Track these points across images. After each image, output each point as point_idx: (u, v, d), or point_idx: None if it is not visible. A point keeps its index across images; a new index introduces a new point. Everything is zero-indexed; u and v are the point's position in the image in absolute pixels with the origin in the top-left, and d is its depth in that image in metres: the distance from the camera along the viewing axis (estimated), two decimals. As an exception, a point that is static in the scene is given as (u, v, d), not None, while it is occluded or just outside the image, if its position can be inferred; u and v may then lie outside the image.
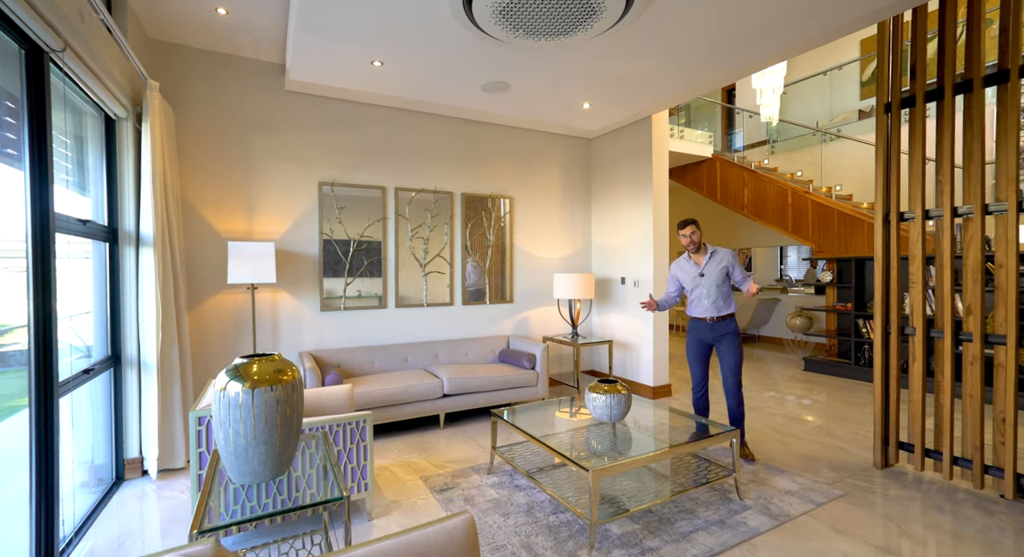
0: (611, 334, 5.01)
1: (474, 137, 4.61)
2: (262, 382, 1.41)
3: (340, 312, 3.98)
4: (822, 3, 2.58)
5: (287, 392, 1.47)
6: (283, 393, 1.45)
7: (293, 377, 1.50)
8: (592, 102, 3.94)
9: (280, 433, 1.46)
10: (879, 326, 2.90)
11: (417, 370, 3.97)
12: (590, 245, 5.31)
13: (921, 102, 2.72)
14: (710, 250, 3.17)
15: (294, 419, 1.51)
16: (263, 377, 1.42)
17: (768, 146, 7.93)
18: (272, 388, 1.42)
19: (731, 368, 3.07)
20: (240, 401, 1.38)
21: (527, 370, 4.07)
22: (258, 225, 3.67)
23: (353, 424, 2.29)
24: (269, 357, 1.49)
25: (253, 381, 1.40)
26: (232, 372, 1.42)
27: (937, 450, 2.70)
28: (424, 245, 4.32)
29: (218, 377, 1.43)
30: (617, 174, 4.89)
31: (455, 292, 4.50)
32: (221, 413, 1.39)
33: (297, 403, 1.53)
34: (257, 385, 1.40)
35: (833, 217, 5.62)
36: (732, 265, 3.11)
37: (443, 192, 4.41)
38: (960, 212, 2.58)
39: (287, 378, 1.48)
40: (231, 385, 1.39)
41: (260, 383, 1.41)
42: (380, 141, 4.15)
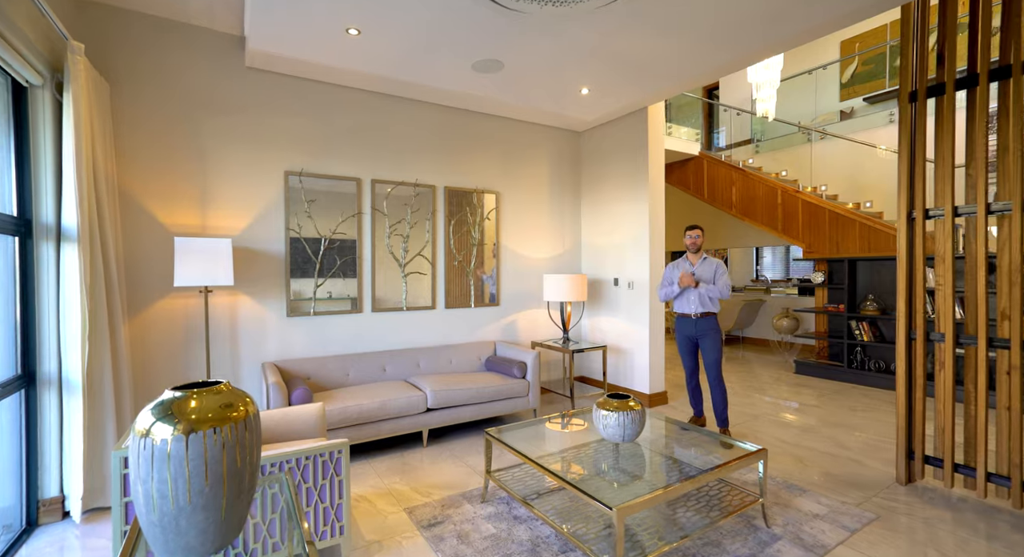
0: (603, 338, 4.73)
1: (458, 127, 4.24)
2: (202, 423, 1.02)
3: (309, 317, 3.55)
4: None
5: (238, 434, 1.09)
6: (232, 436, 1.07)
7: (246, 412, 1.12)
8: (592, 87, 3.64)
9: (228, 491, 1.08)
10: (903, 331, 2.70)
11: (396, 381, 3.58)
12: (580, 244, 5.02)
13: (951, 90, 2.53)
14: (704, 256, 3.57)
15: (247, 468, 1.13)
16: (203, 416, 1.03)
17: (753, 145, 7.86)
18: (216, 431, 1.04)
19: (712, 363, 3.46)
20: (169, 452, 0.99)
21: (517, 379, 3.74)
22: (214, 219, 3.20)
23: (326, 456, 1.90)
24: (213, 387, 1.10)
25: (189, 422, 1.02)
26: (160, 411, 1.02)
27: (968, 465, 2.52)
28: (404, 243, 3.93)
29: (139, 417, 1.04)
30: (609, 169, 4.62)
31: (437, 294, 4.12)
32: (141, 468, 1.00)
33: (251, 446, 1.14)
34: (195, 427, 1.02)
35: (824, 217, 5.52)
36: (717, 272, 3.47)
37: (424, 185, 4.03)
38: (994, 209, 2.40)
39: (238, 414, 1.09)
40: (157, 429, 1.00)
41: (200, 424, 1.02)
42: (355, 128, 3.73)
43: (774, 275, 9.18)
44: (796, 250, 8.96)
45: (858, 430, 3.63)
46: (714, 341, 3.43)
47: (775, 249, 9.36)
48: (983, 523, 2.31)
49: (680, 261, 3.64)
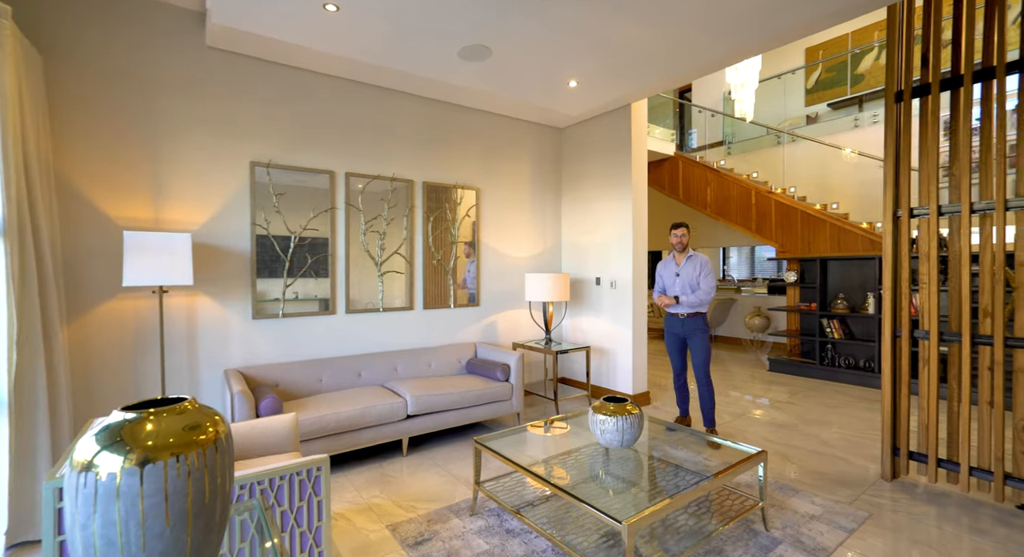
0: (585, 339, 4.65)
1: (438, 120, 4.06)
2: (162, 450, 0.84)
3: (278, 320, 3.29)
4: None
5: (206, 461, 0.91)
6: (199, 464, 0.89)
7: (216, 433, 0.94)
8: (580, 79, 3.53)
9: (194, 531, 0.89)
10: (888, 329, 2.72)
11: (373, 387, 3.37)
12: (560, 243, 4.93)
13: (936, 90, 2.56)
14: (690, 254, 3.50)
15: (218, 502, 0.94)
16: (163, 441, 0.84)
17: (724, 147, 8.00)
18: (180, 459, 0.85)
19: (700, 362, 3.41)
20: (119, 488, 0.80)
21: (500, 382, 3.60)
22: (169, 212, 2.92)
23: (303, 474, 1.70)
24: (175, 406, 0.91)
25: (145, 450, 0.83)
26: (107, 437, 0.83)
27: (951, 460, 2.55)
28: (380, 240, 3.72)
29: (77, 446, 0.84)
30: (591, 167, 4.54)
31: (416, 294, 3.93)
32: (80, 509, 0.80)
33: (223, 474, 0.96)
34: (153, 456, 0.83)
35: (796, 218, 5.64)
36: (702, 271, 3.41)
37: (402, 180, 3.83)
38: (977, 208, 2.44)
39: (206, 437, 0.91)
40: (103, 460, 0.81)
41: (158, 452, 0.83)
42: (329, 117, 3.50)
43: (740, 275, 9.41)
44: (761, 250, 9.21)
45: (837, 427, 3.68)
46: (702, 340, 3.39)
47: (741, 249, 9.59)
48: (968, 517, 2.34)
49: (668, 259, 3.59)
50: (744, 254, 9.99)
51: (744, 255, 9.94)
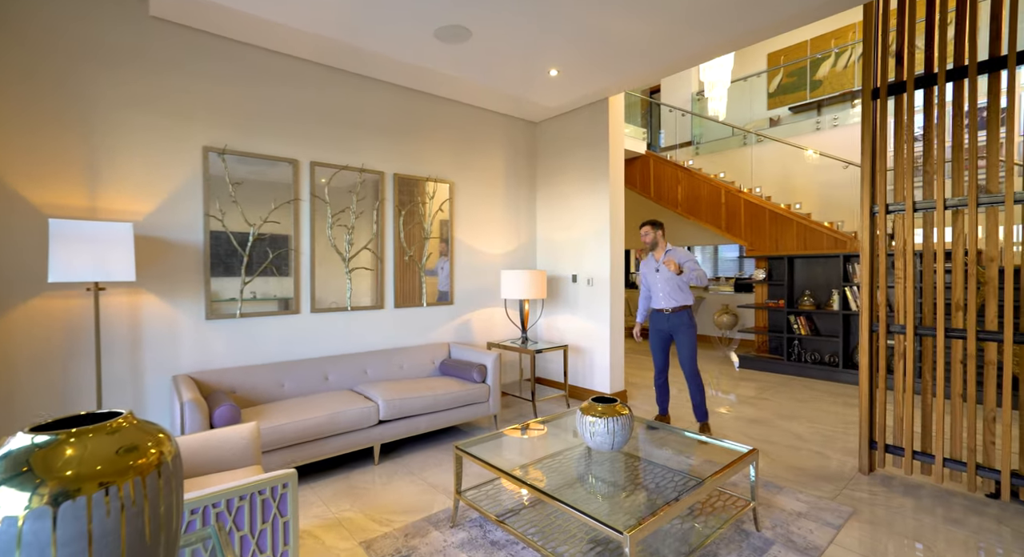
0: (561, 337, 4.56)
1: (411, 109, 3.87)
2: (85, 481, 0.65)
3: (235, 320, 3.02)
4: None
5: (147, 492, 0.72)
6: (137, 497, 0.70)
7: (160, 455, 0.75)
8: (561, 69, 3.42)
9: (129, 580, 0.71)
10: (866, 324, 2.75)
11: (342, 391, 3.15)
12: (535, 239, 4.82)
13: (911, 89, 2.60)
14: (668, 248, 3.45)
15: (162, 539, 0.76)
16: (88, 470, 0.66)
17: (693, 147, 8.12)
18: (111, 492, 0.67)
19: (687, 357, 3.37)
20: (21, 534, 0.61)
21: (477, 384, 3.45)
22: (107, 200, 2.61)
23: (267, 492, 1.50)
24: (105, 424, 0.72)
25: (61, 483, 0.64)
26: (7, 468, 0.64)
27: (926, 452, 2.60)
28: (348, 235, 3.49)
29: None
30: (568, 162, 4.46)
31: (386, 292, 3.72)
32: (-28, 564, 0.62)
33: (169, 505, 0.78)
34: (73, 490, 0.64)
35: (764, 217, 5.76)
36: (683, 261, 3.28)
37: (372, 171, 3.62)
38: (950, 204, 2.49)
39: (146, 461, 0.73)
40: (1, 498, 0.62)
41: (80, 484, 0.65)
42: (293, 102, 3.25)
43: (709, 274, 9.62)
44: (725, 249, 9.44)
45: (809, 421, 3.73)
46: (688, 335, 3.33)
47: (705, 248, 9.80)
48: (942, 508, 2.38)
49: (648, 259, 3.53)
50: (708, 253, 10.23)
51: (708, 254, 10.17)
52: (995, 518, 2.30)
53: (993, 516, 2.31)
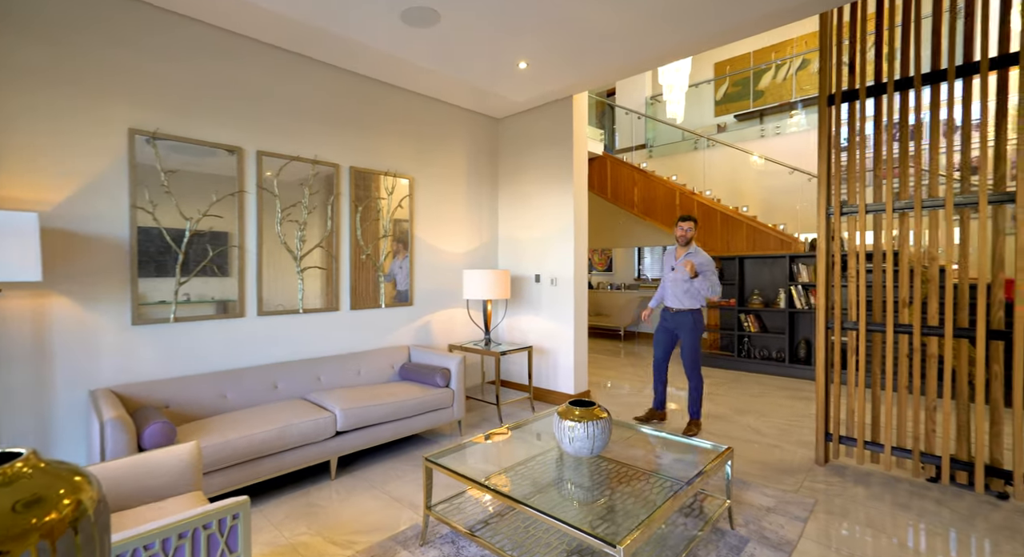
0: (523, 339, 4.48)
1: (370, 99, 3.65)
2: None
3: (168, 325, 2.70)
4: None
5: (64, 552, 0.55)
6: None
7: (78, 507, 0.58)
8: (531, 61, 3.33)
9: None
10: (822, 321, 2.86)
11: (294, 400, 2.90)
12: (496, 238, 4.72)
13: (863, 97, 2.73)
14: (691, 250, 3.45)
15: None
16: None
17: (647, 150, 8.33)
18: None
19: (688, 356, 3.43)
20: None
21: (440, 388, 3.29)
22: (4, 186, 2.23)
23: (213, 526, 1.30)
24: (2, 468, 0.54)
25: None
26: None
27: (875, 442, 2.74)
28: (300, 232, 3.23)
29: None
30: (531, 160, 4.39)
31: (341, 293, 3.48)
32: None
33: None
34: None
35: (717, 219, 5.97)
36: (703, 271, 3.34)
37: (326, 163, 3.37)
38: (898, 207, 2.63)
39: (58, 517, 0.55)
40: None
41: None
42: (240, 85, 2.95)
43: (654, 274, 9.92)
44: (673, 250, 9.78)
45: (764, 415, 3.87)
46: (690, 335, 3.40)
47: (654, 249, 10.13)
48: (890, 494, 2.51)
49: (671, 250, 3.60)
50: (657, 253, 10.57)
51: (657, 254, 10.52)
52: (935, 501, 2.45)
53: (934, 499, 2.46)
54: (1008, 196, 2.34)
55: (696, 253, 3.41)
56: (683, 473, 1.96)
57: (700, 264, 3.33)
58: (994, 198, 2.36)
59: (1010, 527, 2.19)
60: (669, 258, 3.59)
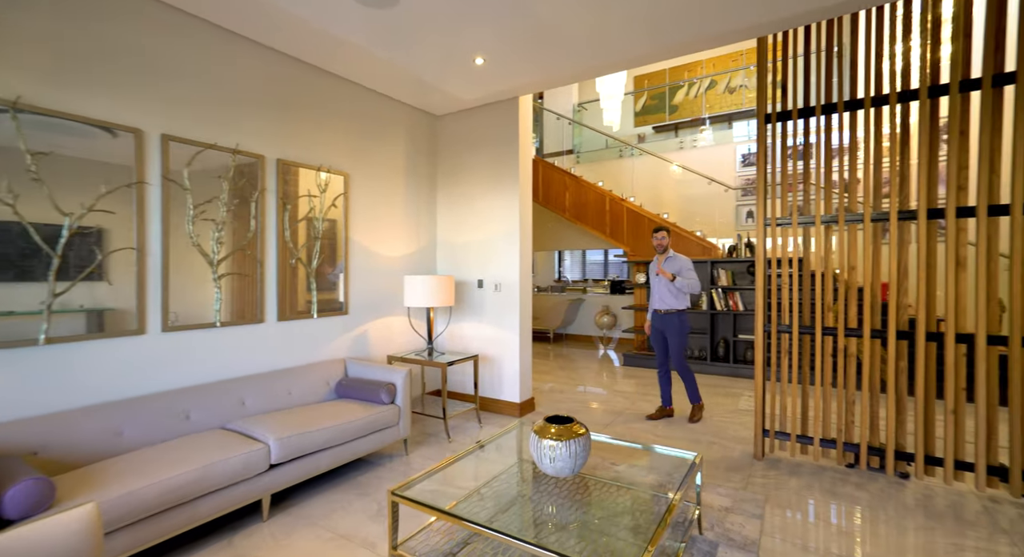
0: (467, 346, 4.30)
1: (302, 85, 3.25)
2: None
3: (36, 349, 2.15)
4: None
5: None
6: None
7: None
8: (488, 57, 3.16)
9: None
10: (760, 324, 3.06)
11: (213, 432, 2.46)
12: (435, 242, 4.49)
13: (795, 117, 2.96)
14: (669, 255, 3.83)
15: None
16: None
17: (574, 156, 8.53)
18: None
19: (675, 354, 3.80)
20: None
21: (385, 406, 3.02)
22: None
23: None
24: None
25: None
26: None
27: (805, 435, 2.98)
28: (217, 232, 2.77)
29: None
30: (474, 160, 4.23)
31: (267, 303, 3.06)
32: None
33: None
34: None
35: (645, 224, 6.25)
36: (680, 271, 3.74)
37: (250, 154, 2.93)
38: (824, 220, 2.89)
39: None
40: None
41: None
42: (141, 53, 2.44)
43: (573, 276, 10.26)
44: (591, 254, 10.17)
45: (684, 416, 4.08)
46: (675, 334, 3.76)
47: (573, 253, 10.48)
48: (818, 482, 2.74)
49: (655, 259, 3.93)
50: (576, 257, 10.94)
51: (576, 258, 10.88)
52: (856, 485, 2.72)
53: (854, 483, 2.74)
54: (911, 213, 2.66)
55: (674, 258, 3.81)
56: (660, 484, 1.95)
57: (679, 267, 3.75)
58: (903, 215, 2.67)
59: (914, 504, 2.48)
60: (653, 266, 3.91)
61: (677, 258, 3.82)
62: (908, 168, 2.72)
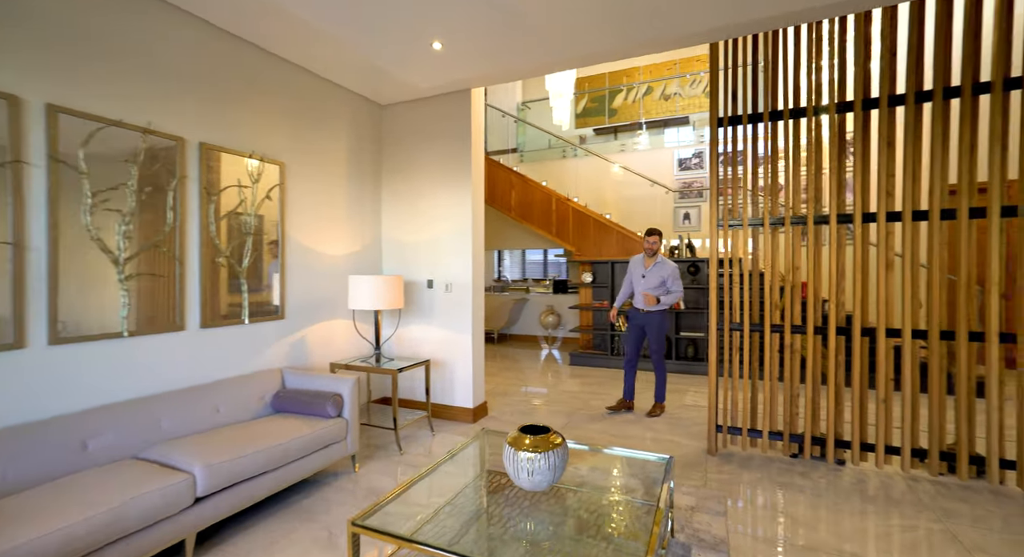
0: (416, 350, 4.07)
1: (233, 61, 2.86)
2: None
3: None
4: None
5: None
6: None
7: None
8: (447, 42, 2.94)
9: None
10: (713, 324, 3.14)
11: (121, 463, 2.07)
12: (380, 239, 4.20)
13: (746, 122, 3.06)
14: (659, 259, 3.88)
15: None
16: None
17: (518, 155, 8.47)
18: None
19: (655, 348, 3.95)
20: None
21: (331, 419, 2.74)
22: None
23: None
24: None
25: None
26: None
27: (755, 429, 3.10)
28: (123, 225, 2.35)
29: None
30: (424, 154, 4.00)
31: (188, 307, 2.66)
32: None
33: None
34: None
35: (590, 225, 6.32)
36: (669, 278, 3.82)
37: (166, 135, 2.52)
38: (772, 223, 3.01)
39: None
40: None
41: None
42: (31, 4, 1.98)
43: (513, 275, 10.25)
44: (531, 253, 10.21)
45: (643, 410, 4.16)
46: (656, 332, 3.89)
47: (513, 252, 10.47)
48: (766, 473, 2.86)
49: (639, 258, 4.00)
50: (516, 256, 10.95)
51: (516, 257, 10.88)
52: (801, 474, 2.86)
53: (800, 473, 2.88)
54: (848, 217, 2.84)
55: (663, 263, 3.86)
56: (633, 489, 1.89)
57: (667, 274, 3.82)
58: (841, 218, 2.85)
59: (850, 488, 2.66)
60: (637, 266, 3.99)
61: (665, 264, 3.86)
62: (843, 175, 2.90)
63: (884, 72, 2.76)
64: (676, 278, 3.85)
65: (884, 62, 2.76)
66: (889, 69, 2.77)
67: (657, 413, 3.97)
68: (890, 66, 2.77)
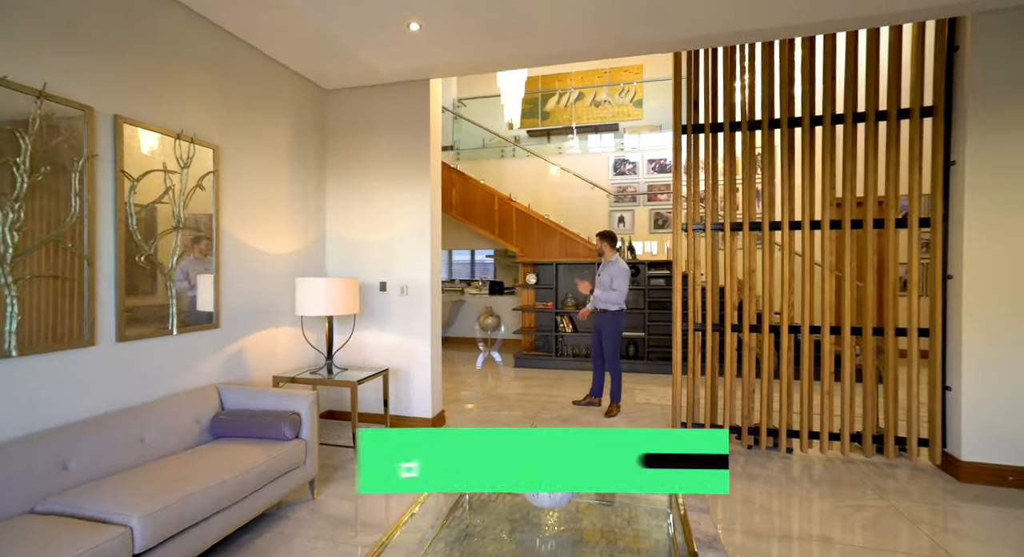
0: (369, 358, 3.74)
1: (158, 23, 2.38)
2: None
3: None
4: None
5: None
6: None
7: None
8: (426, 23, 2.66)
9: None
10: (679, 324, 3.25)
11: (11, 521, 1.60)
12: (324, 237, 3.81)
13: (708, 131, 3.20)
14: (612, 259, 4.06)
15: None
16: None
17: (454, 153, 8.24)
18: None
19: (608, 349, 4.08)
20: None
21: (287, 442, 2.39)
22: None
23: None
24: None
25: None
26: None
27: (716, 424, 3.26)
28: (9, 213, 1.83)
29: None
30: (375, 147, 3.68)
31: (101, 316, 2.16)
32: None
33: None
34: None
35: (534, 226, 6.31)
36: (615, 277, 3.99)
37: (69, 103, 2.02)
38: (734, 227, 3.19)
39: None
40: None
41: None
42: None
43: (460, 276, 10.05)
44: (458, 254, 10.06)
45: (602, 410, 4.22)
46: (610, 332, 4.03)
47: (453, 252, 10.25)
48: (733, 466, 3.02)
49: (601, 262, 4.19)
50: (443, 257, 10.73)
51: (443, 258, 10.67)
52: (760, 464, 3.06)
53: (759, 463, 3.08)
54: (798, 224, 3.09)
55: (612, 263, 4.04)
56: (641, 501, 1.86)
57: (612, 275, 3.98)
58: (793, 224, 3.09)
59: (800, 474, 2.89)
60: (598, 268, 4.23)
61: (614, 265, 4.03)
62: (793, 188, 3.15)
63: (805, 96, 3.03)
64: (619, 278, 4.00)
65: (805, 86, 3.03)
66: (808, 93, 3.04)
67: (614, 413, 4.04)
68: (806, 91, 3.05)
